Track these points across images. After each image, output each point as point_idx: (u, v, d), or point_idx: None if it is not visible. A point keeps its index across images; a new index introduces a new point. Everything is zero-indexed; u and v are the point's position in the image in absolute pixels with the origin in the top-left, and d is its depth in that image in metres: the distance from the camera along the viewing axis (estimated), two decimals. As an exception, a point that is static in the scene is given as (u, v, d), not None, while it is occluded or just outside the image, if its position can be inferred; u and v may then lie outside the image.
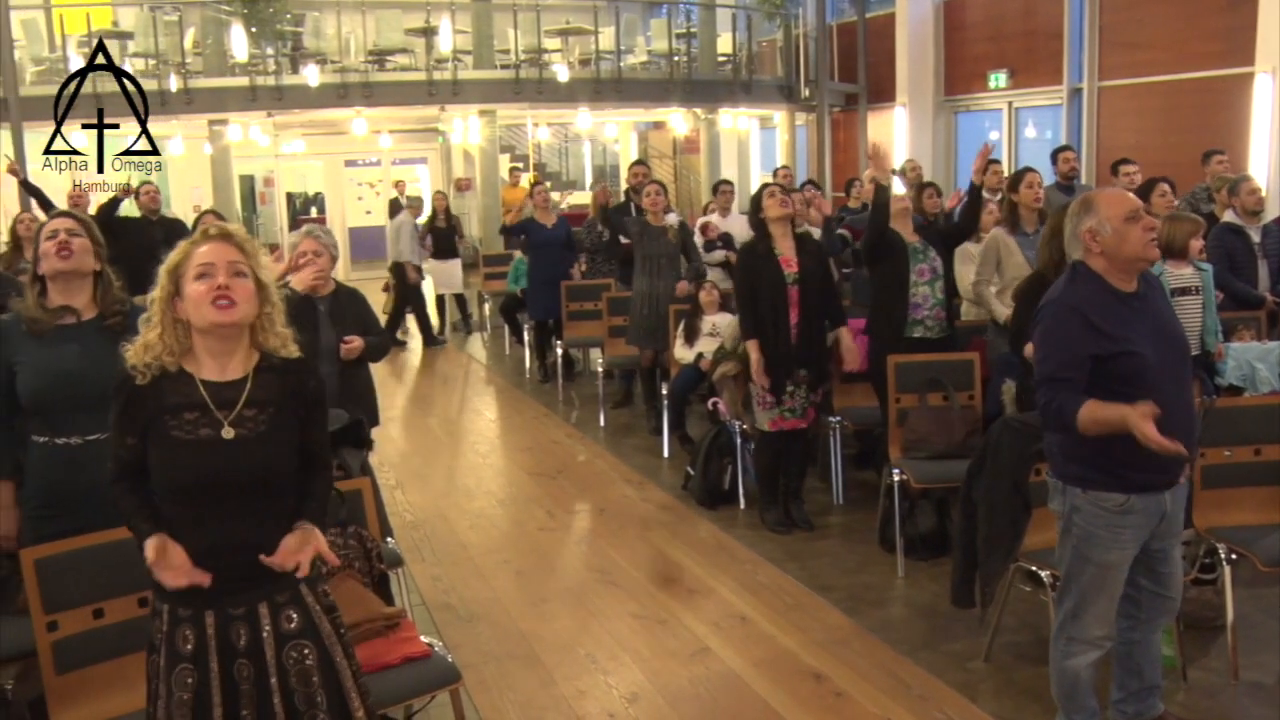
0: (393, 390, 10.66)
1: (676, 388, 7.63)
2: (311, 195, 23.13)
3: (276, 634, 2.60)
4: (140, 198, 9.78)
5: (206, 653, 2.56)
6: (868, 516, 6.14)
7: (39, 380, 3.54)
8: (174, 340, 2.59)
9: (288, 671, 2.61)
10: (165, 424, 2.55)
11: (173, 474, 2.57)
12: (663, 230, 8.05)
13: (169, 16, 15.83)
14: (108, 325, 3.62)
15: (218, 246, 2.61)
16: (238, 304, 2.56)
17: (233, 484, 2.55)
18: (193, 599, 2.57)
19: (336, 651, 2.69)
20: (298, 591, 2.65)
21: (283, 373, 2.66)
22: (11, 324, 3.62)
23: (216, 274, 2.56)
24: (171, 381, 2.58)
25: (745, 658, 4.68)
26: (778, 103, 18.15)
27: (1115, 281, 3.41)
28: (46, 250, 3.58)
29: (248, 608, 2.59)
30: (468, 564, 5.92)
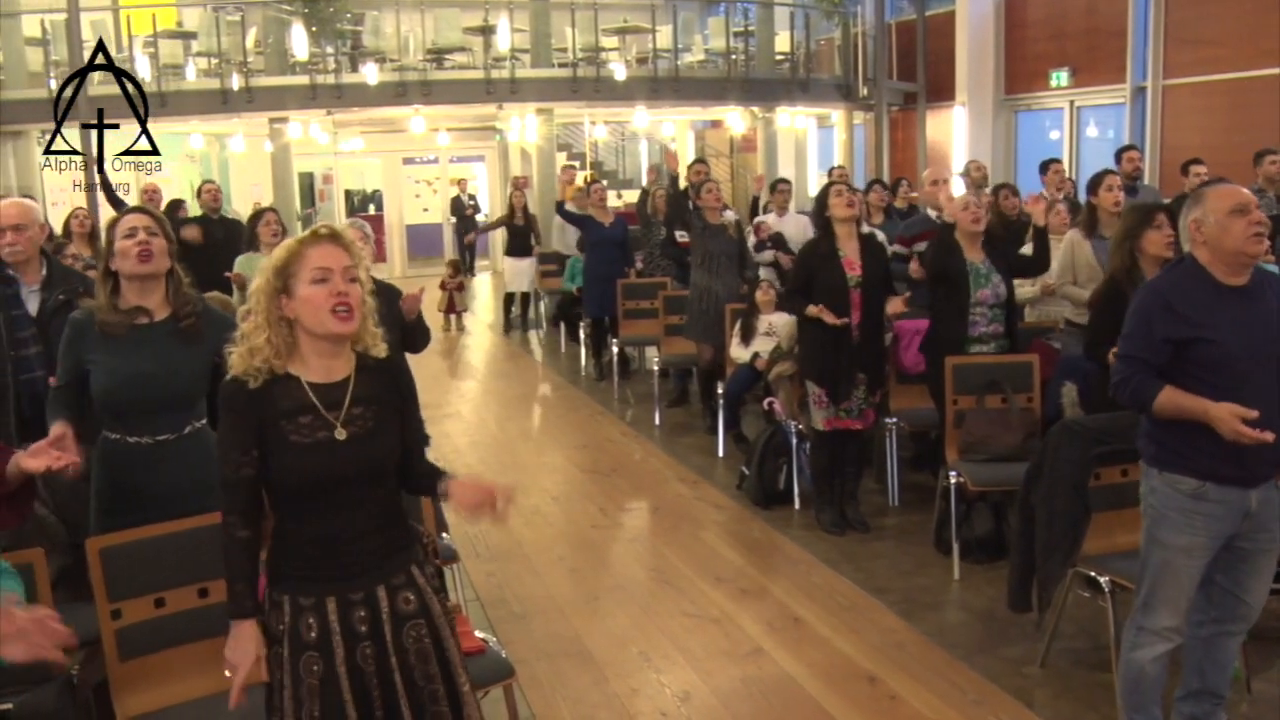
0: (448, 386, 10.74)
1: (732, 387, 7.62)
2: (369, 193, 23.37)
3: (394, 615, 2.66)
4: (201, 196, 9.93)
5: (330, 639, 2.60)
6: (923, 519, 6.10)
7: (112, 382, 3.57)
8: (281, 341, 2.60)
9: (407, 651, 2.66)
10: (282, 429, 2.57)
11: (293, 477, 2.60)
12: (722, 228, 8.04)
13: (231, 16, 16.06)
14: (182, 327, 3.64)
15: (331, 250, 2.61)
16: (355, 312, 2.60)
17: (349, 480, 2.60)
18: (313, 587, 2.63)
19: (444, 629, 2.75)
20: (410, 574, 2.72)
21: (378, 370, 2.71)
22: (85, 323, 3.63)
23: (334, 279, 2.57)
24: (281, 386, 2.60)
25: (799, 659, 4.67)
26: (835, 102, 18.05)
27: (1219, 274, 3.40)
28: (125, 250, 3.57)
29: (366, 592, 2.64)
30: (521, 560, 5.95)
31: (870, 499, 6.49)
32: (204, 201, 9.77)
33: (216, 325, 3.65)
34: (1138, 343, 3.45)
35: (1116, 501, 4.19)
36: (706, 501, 6.83)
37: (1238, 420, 3.18)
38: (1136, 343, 3.46)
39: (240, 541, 2.66)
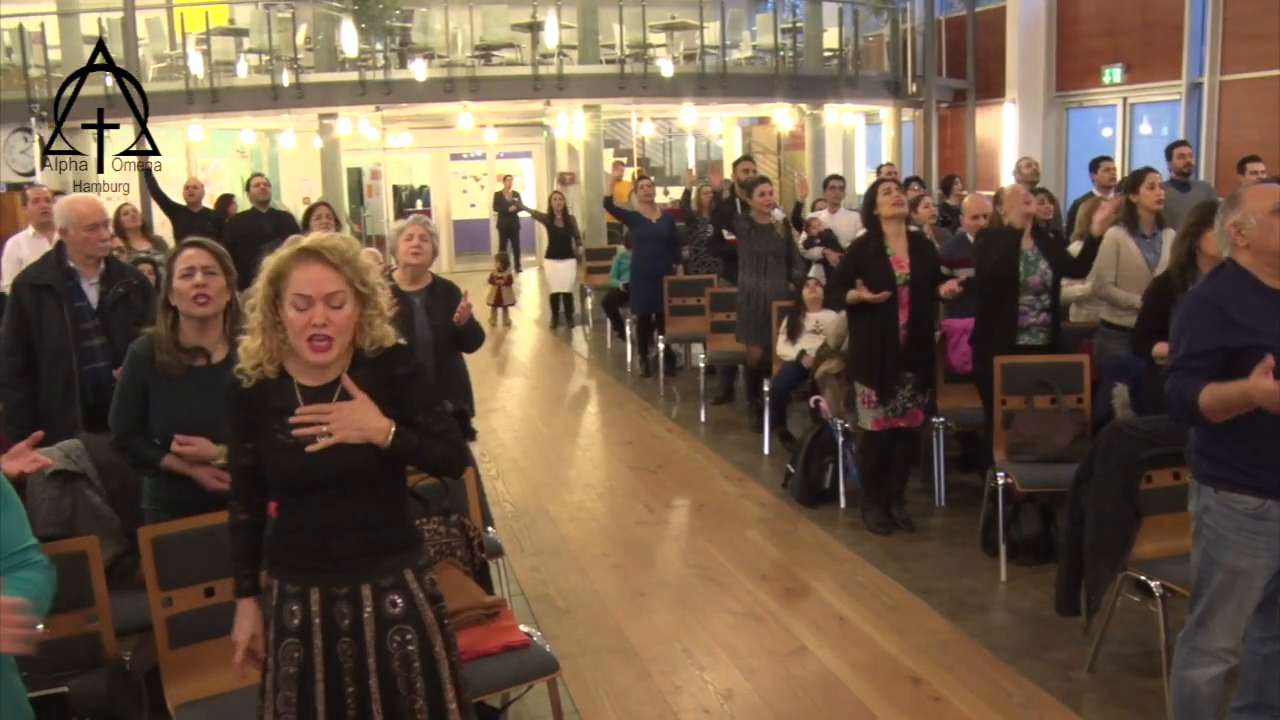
0: (495, 382, 10.78)
1: (778, 385, 7.60)
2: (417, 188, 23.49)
3: (379, 616, 2.65)
4: (251, 189, 10.04)
5: (311, 629, 2.63)
6: (970, 519, 6.05)
7: (167, 425, 3.56)
8: (274, 345, 2.63)
9: (390, 655, 2.65)
10: (270, 427, 2.63)
11: (280, 472, 2.66)
12: (770, 227, 8.02)
13: (282, 13, 16.22)
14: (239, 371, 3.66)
15: (316, 274, 2.58)
16: (334, 342, 2.58)
17: (333, 478, 2.61)
18: (300, 577, 2.66)
19: (437, 640, 2.72)
20: (402, 577, 2.70)
21: (375, 364, 2.69)
22: (144, 356, 3.60)
23: (314, 309, 2.56)
24: (274, 386, 2.65)
25: (843, 658, 4.65)
26: (884, 98, 17.93)
27: (1264, 277, 3.28)
28: (183, 291, 3.52)
29: (351, 588, 2.65)
30: (566, 556, 5.97)
31: (916, 499, 6.45)
32: (253, 195, 9.89)
33: None
34: (1190, 351, 3.28)
35: (1168, 505, 4.12)
36: (751, 499, 6.81)
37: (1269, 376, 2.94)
38: (1188, 352, 3.28)
39: (240, 524, 2.79)
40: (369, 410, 2.60)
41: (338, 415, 2.57)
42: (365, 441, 2.58)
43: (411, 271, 4.95)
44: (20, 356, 4.44)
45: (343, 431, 2.56)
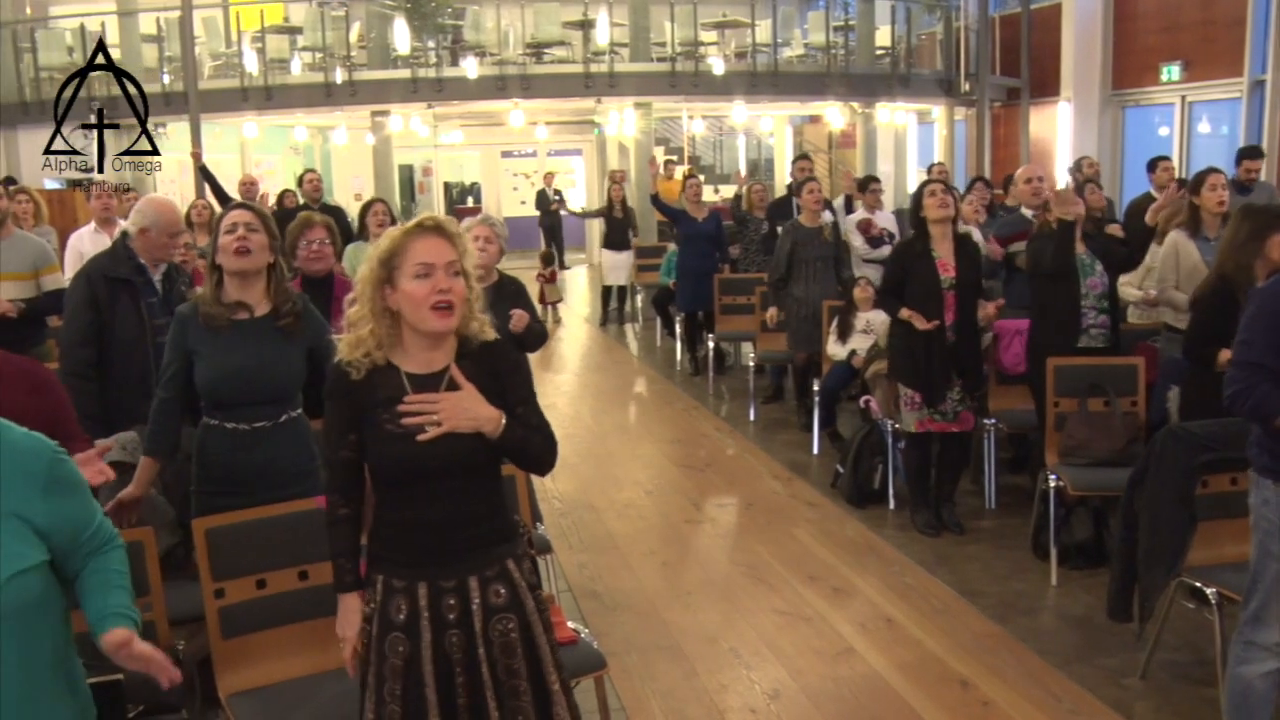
0: (544, 379, 10.81)
1: (828, 385, 7.57)
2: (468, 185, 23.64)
3: (485, 607, 2.67)
4: (304, 186, 10.15)
5: (419, 623, 2.64)
6: (1020, 522, 6.00)
7: (213, 374, 3.68)
8: (383, 332, 2.63)
9: (493, 643, 2.67)
10: (379, 418, 2.62)
11: (387, 464, 2.65)
12: (818, 230, 7.99)
13: (336, 12, 16.40)
14: (280, 325, 3.74)
15: (436, 243, 2.61)
16: (456, 308, 2.60)
17: (442, 468, 2.61)
18: (406, 572, 2.67)
19: (537, 626, 2.74)
20: (505, 567, 2.72)
21: (479, 356, 2.70)
22: (190, 315, 3.74)
23: (436, 275, 2.58)
24: (381, 375, 2.64)
25: (890, 660, 4.63)
26: (936, 97, 17.81)
27: None
28: (225, 246, 3.67)
29: (458, 580, 2.66)
30: (614, 553, 5.99)
31: (966, 501, 6.40)
32: (305, 191, 10.00)
33: (314, 326, 3.81)
34: (1260, 350, 3.24)
35: (1225, 510, 4.06)
36: (800, 499, 6.79)
37: None
38: (1258, 350, 3.25)
39: (341, 519, 2.77)
40: (478, 399, 2.60)
41: (447, 404, 2.57)
42: (475, 430, 2.59)
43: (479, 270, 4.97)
44: (92, 348, 4.48)
45: (452, 420, 2.56)
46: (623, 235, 13.19)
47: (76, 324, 4.54)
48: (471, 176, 23.41)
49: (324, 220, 5.16)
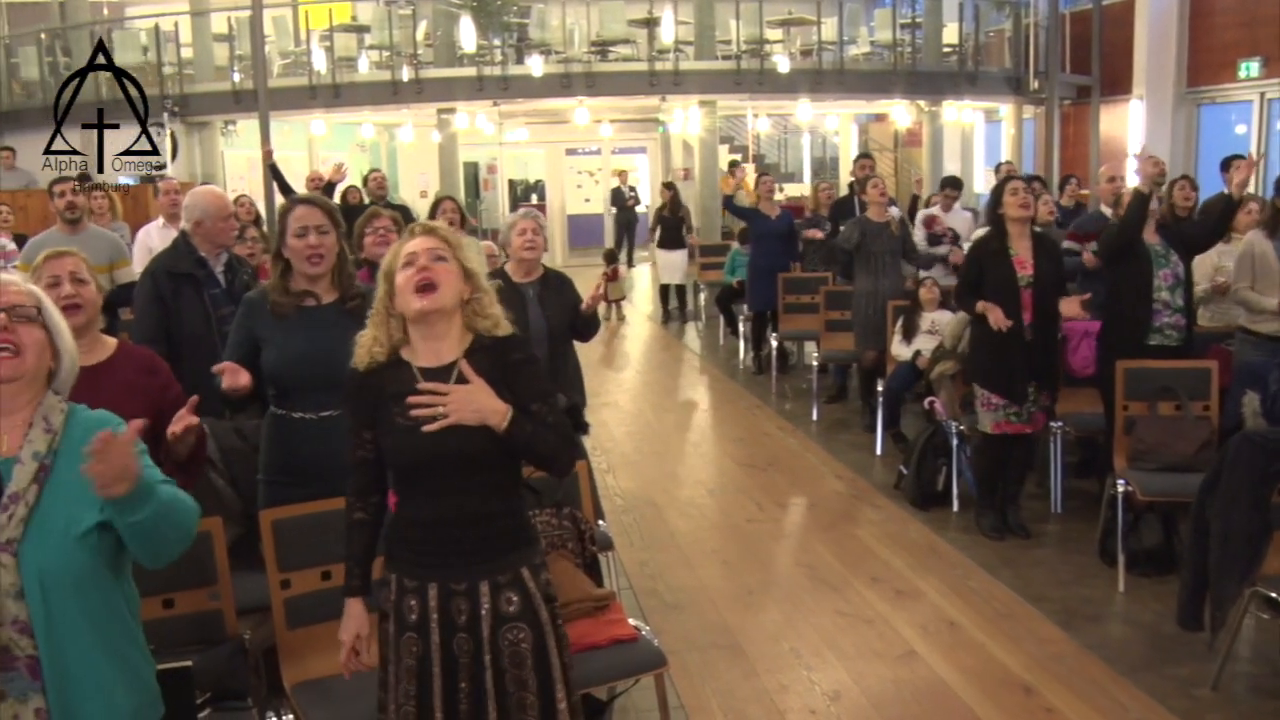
0: (606, 376, 10.85)
1: (892, 385, 7.51)
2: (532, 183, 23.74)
3: (494, 613, 2.66)
4: (369, 184, 10.25)
5: (429, 624, 2.66)
6: (1087, 527, 5.91)
7: (280, 359, 3.73)
8: (386, 336, 2.69)
9: (502, 652, 2.67)
10: (390, 412, 2.65)
11: (398, 457, 2.68)
12: (884, 225, 7.93)
13: (403, 10, 16.56)
14: (347, 309, 3.77)
15: (422, 240, 2.69)
16: (439, 288, 2.63)
17: (449, 463, 2.62)
18: (418, 571, 2.68)
19: (550, 639, 2.73)
20: (519, 574, 2.71)
21: (490, 349, 2.71)
22: (258, 302, 3.81)
23: (418, 261, 2.64)
24: (392, 370, 2.69)
25: (952, 664, 4.58)
26: (1004, 95, 17.59)
27: None
28: (297, 250, 3.71)
29: (469, 584, 2.66)
30: (675, 551, 5.98)
31: (1032, 504, 6.31)
32: (370, 189, 10.10)
33: None
34: None
35: (1302, 518, 3.98)
36: (863, 500, 6.75)
37: None
38: None
39: (355, 523, 2.80)
40: (485, 392, 2.60)
41: (454, 396, 2.58)
42: (481, 423, 2.59)
43: (525, 264, 5.01)
44: (161, 343, 4.56)
45: (459, 412, 2.56)
46: (675, 234, 13.18)
47: (145, 320, 4.64)
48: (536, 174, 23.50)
49: (391, 213, 5.27)
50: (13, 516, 2.12)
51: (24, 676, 2.11)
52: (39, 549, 2.12)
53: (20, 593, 2.11)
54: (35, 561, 2.11)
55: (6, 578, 2.09)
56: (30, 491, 2.15)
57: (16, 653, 2.10)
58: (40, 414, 2.23)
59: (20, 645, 2.10)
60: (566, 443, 2.77)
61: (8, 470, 2.17)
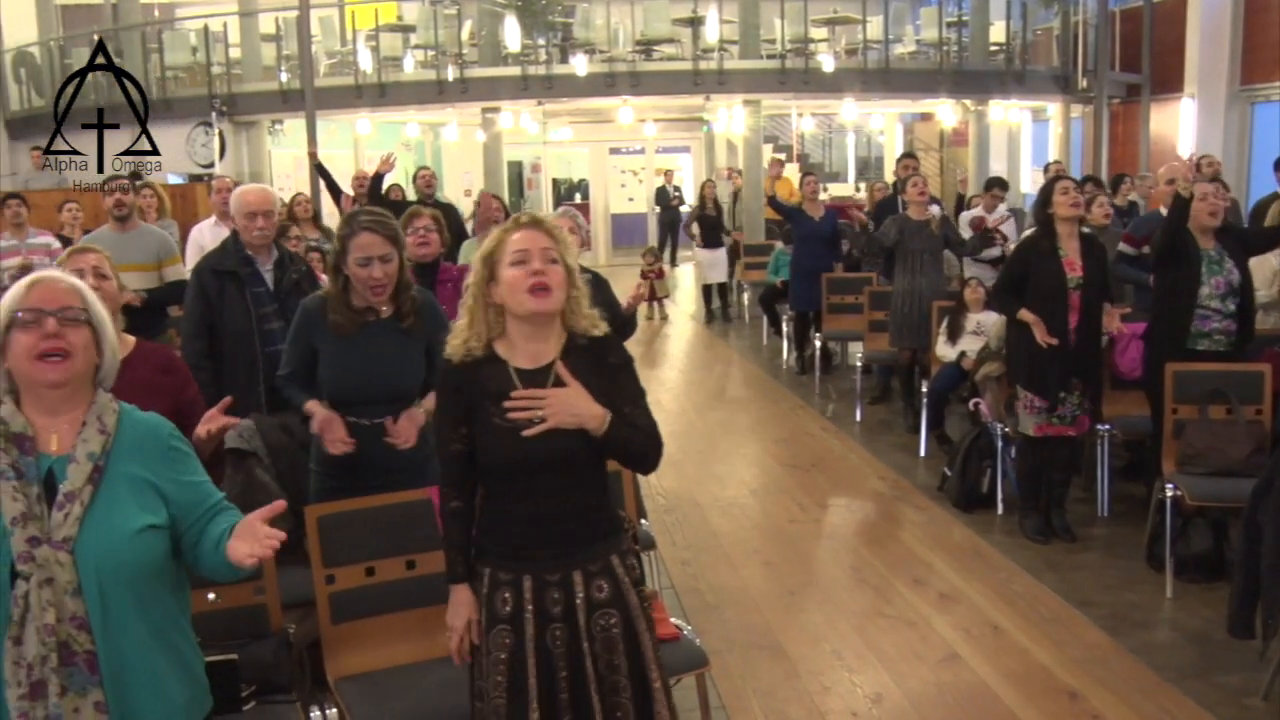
0: (649, 375, 10.84)
1: (937, 386, 7.46)
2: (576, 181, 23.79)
3: (588, 601, 2.70)
4: (417, 181, 10.30)
5: (523, 616, 2.68)
6: (1134, 532, 5.84)
7: (335, 372, 3.76)
8: (484, 327, 2.68)
9: (595, 638, 2.70)
10: (487, 410, 2.66)
11: (494, 456, 2.68)
12: (924, 223, 7.87)
13: (448, 10, 16.64)
14: (404, 327, 3.79)
15: (531, 234, 2.67)
16: (553, 291, 2.63)
17: (547, 463, 2.64)
18: (512, 564, 2.70)
19: (640, 622, 2.76)
20: (609, 562, 2.74)
21: (586, 350, 2.73)
22: (316, 313, 3.79)
23: (532, 260, 2.62)
24: (489, 368, 2.69)
25: (996, 668, 4.54)
26: (1052, 94, 17.41)
27: None
28: (361, 279, 3.67)
29: (563, 575, 2.69)
30: (717, 551, 5.97)
31: (1077, 508, 6.25)
32: (418, 187, 10.14)
33: (432, 320, 3.84)
34: None
35: (1354, 524, 3.91)
36: (906, 501, 6.71)
37: None
38: None
39: (452, 511, 2.80)
40: (583, 396, 2.62)
41: (552, 400, 2.59)
42: (579, 427, 2.61)
43: None
44: (204, 339, 4.64)
45: (557, 417, 2.58)
46: (716, 233, 13.16)
47: (190, 317, 4.74)
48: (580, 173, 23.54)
49: (431, 212, 5.29)
50: (69, 515, 2.15)
51: (83, 671, 2.14)
52: (95, 547, 2.15)
53: (78, 589, 2.14)
54: (92, 559, 2.15)
55: (64, 575, 2.12)
56: (85, 491, 2.17)
57: (75, 648, 2.13)
58: (94, 414, 2.26)
59: (79, 641, 2.13)
60: (655, 443, 2.80)
61: (61, 469, 2.20)
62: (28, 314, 2.19)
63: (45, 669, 2.11)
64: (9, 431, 2.20)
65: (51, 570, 2.11)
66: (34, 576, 2.11)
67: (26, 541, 2.11)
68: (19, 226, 7.85)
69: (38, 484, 2.17)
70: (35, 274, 2.27)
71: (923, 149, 20.21)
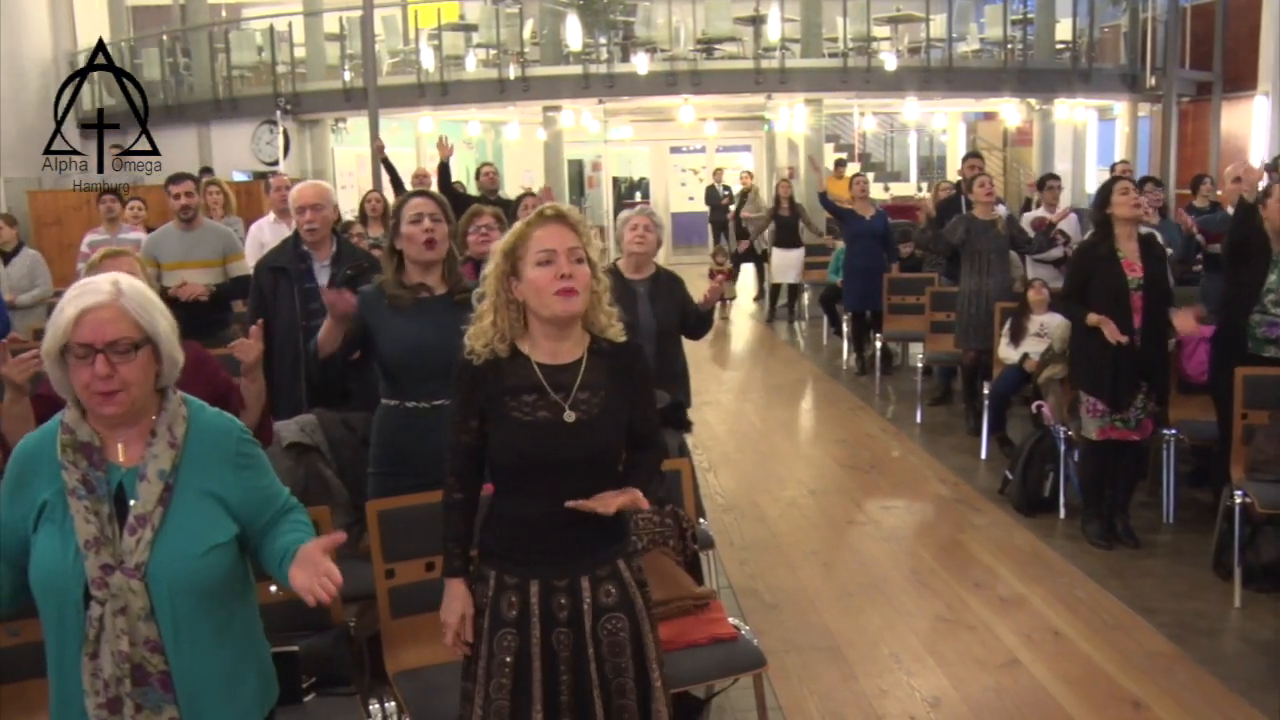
0: (709, 374, 10.83)
1: (999, 388, 7.37)
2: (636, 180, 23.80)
3: (595, 606, 2.69)
4: (480, 178, 10.36)
5: (529, 620, 2.67)
6: (1200, 539, 5.73)
7: (394, 348, 3.84)
8: (506, 324, 2.66)
9: (601, 642, 2.69)
10: (505, 405, 2.64)
11: (511, 453, 2.67)
12: (991, 223, 7.79)
13: (510, 9, 16.71)
14: (456, 300, 3.85)
15: (557, 230, 2.63)
16: (579, 294, 2.61)
17: (567, 463, 2.63)
18: (519, 568, 2.69)
19: (645, 624, 2.75)
20: (616, 566, 2.73)
21: (611, 355, 2.71)
22: (374, 296, 3.91)
23: (559, 260, 2.60)
24: (509, 363, 2.67)
25: (1056, 674, 4.48)
26: (1119, 92, 17.13)
27: None
28: (413, 235, 3.84)
29: (570, 580, 2.68)
30: (775, 551, 5.95)
31: (1142, 513, 6.14)
32: (482, 184, 10.19)
33: None
34: None
35: None
36: (966, 504, 6.64)
37: None
38: None
39: (455, 503, 2.80)
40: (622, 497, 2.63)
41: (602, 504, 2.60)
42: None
43: (636, 260, 5.03)
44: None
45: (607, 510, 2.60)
46: (792, 233, 13.11)
47: (248, 313, 4.87)
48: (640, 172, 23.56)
49: (492, 210, 5.35)
50: (140, 540, 2.14)
51: (157, 690, 2.16)
52: (166, 570, 2.15)
53: (151, 613, 2.14)
54: (164, 582, 2.15)
55: (136, 603, 2.13)
56: (156, 514, 2.16)
57: (149, 669, 2.15)
58: (163, 423, 2.23)
59: (152, 663, 2.15)
60: (661, 457, 2.87)
61: (131, 484, 2.18)
62: (78, 349, 2.12)
63: (120, 689, 2.13)
64: (76, 441, 2.18)
65: (125, 599, 2.12)
66: (109, 604, 2.11)
67: (100, 568, 2.11)
68: (112, 221, 8.02)
69: (108, 502, 2.16)
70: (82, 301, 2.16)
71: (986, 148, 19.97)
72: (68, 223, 12.00)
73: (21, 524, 2.19)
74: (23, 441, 2.28)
